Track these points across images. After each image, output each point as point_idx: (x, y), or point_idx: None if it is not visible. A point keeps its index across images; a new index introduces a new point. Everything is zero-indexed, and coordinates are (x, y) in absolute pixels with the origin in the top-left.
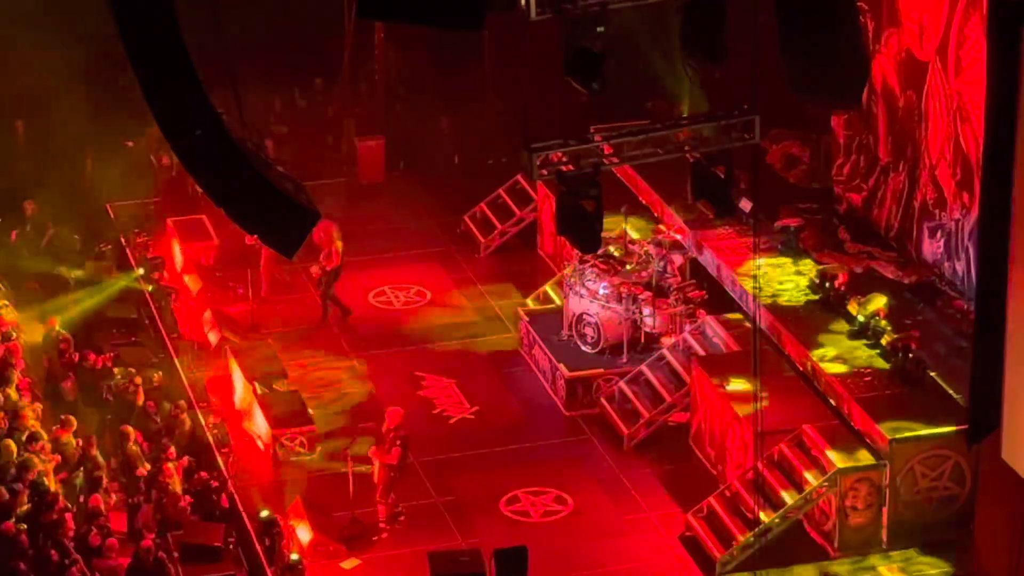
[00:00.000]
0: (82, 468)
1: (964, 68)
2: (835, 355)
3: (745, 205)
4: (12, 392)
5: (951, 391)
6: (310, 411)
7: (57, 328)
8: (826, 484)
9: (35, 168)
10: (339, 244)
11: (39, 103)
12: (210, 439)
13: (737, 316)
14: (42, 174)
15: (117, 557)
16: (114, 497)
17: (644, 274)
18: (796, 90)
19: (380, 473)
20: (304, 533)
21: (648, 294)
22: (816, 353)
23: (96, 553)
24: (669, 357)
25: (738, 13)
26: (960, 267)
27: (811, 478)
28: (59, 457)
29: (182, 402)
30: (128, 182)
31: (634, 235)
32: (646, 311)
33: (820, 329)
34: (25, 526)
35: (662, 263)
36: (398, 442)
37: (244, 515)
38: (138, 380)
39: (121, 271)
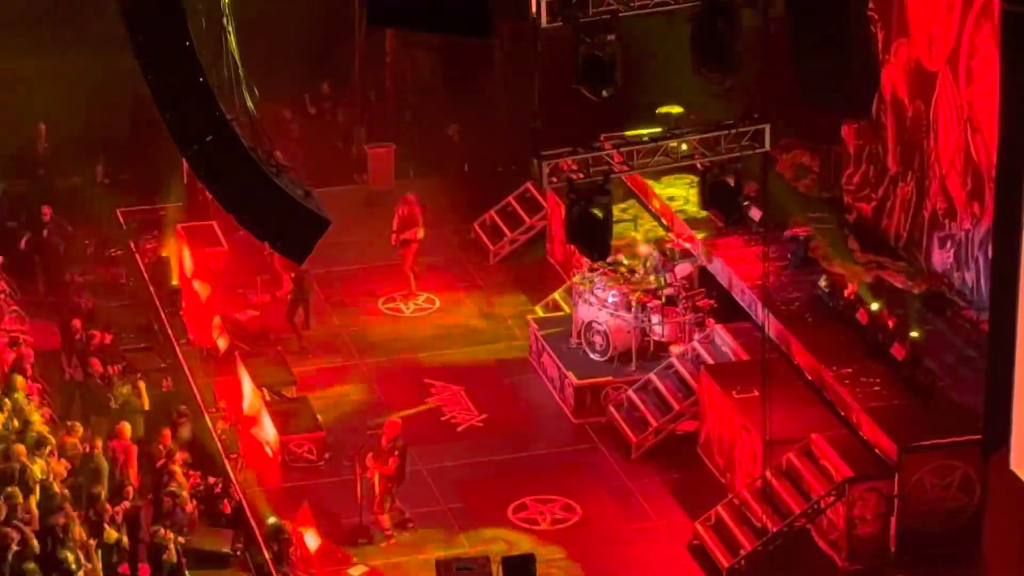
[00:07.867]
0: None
1: (975, 78)
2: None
3: (755, 214)
4: (21, 397)
5: (960, 401)
6: (318, 417)
7: None
8: (834, 494)
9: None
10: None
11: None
12: (218, 445)
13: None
14: (57, 178)
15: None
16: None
17: (652, 282)
18: (807, 99)
19: (380, 484)
20: (312, 539)
21: (657, 302)
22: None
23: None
24: (678, 365)
25: (750, 22)
26: (970, 277)
27: (819, 487)
28: (65, 461)
29: (183, 407)
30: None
31: (643, 243)
32: (655, 319)
33: (829, 339)
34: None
35: (669, 273)
36: (395, 452)
37: (252, 521)
38: (141, 385)
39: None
